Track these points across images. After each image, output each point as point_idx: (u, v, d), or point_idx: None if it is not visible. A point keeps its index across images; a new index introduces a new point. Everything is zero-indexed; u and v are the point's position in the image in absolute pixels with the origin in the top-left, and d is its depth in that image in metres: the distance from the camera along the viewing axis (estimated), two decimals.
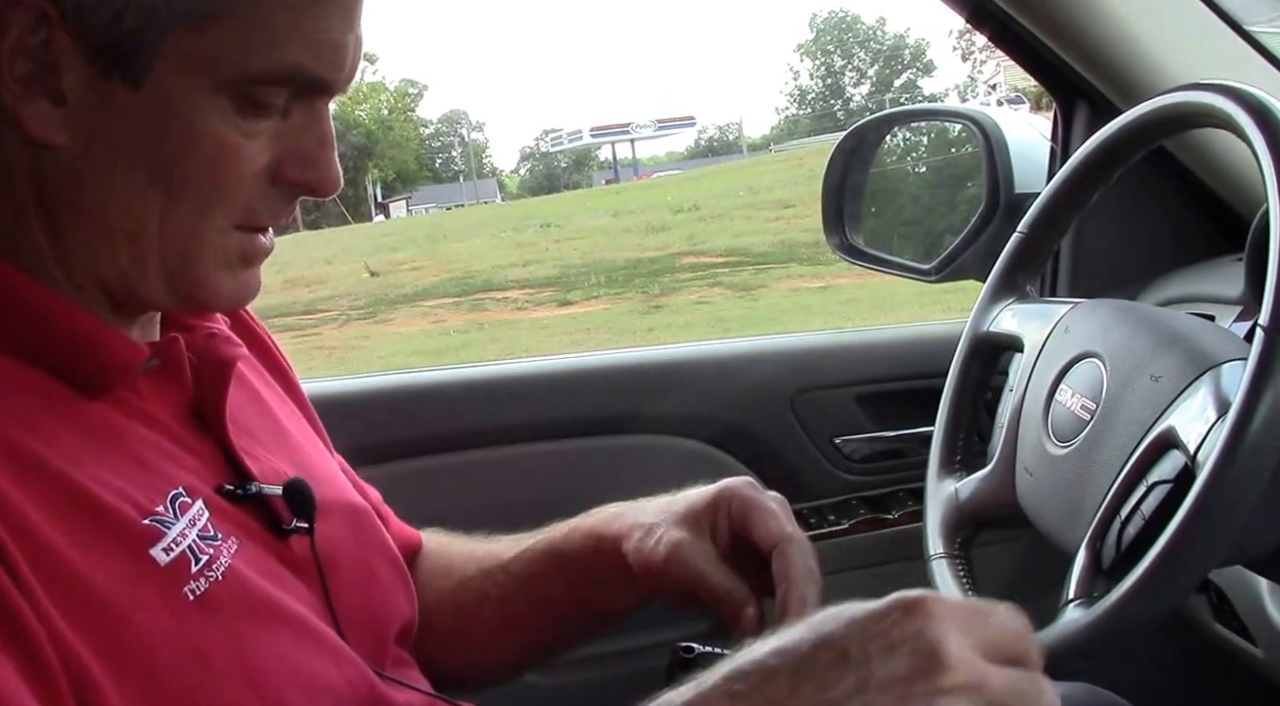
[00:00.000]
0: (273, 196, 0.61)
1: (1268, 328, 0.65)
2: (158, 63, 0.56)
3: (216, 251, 0.60)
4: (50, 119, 0.56)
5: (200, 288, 0.61)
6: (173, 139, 0.57)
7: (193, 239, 0.59)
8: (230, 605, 0.59)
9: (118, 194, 0.58)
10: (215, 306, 0.65)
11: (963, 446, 0.95)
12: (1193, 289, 1.04)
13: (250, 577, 0.61)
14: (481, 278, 12.43)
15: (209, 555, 0.59)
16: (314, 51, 0.58)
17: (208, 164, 0.58)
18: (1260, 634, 0.94)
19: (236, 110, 0.57)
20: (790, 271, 10.76)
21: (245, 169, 0.59)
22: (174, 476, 0.60)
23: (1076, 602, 0.72)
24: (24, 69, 0.55)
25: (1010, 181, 1.19)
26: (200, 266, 0.60)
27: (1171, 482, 0.70)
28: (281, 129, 0.60)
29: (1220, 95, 0.72)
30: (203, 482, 0.62)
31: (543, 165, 57.19)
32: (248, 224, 0.61)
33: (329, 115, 0.62)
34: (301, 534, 0.66)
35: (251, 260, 0.63)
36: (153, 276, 0.60)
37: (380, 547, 0.77)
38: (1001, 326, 0.93)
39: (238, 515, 0.63)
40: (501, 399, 1.30)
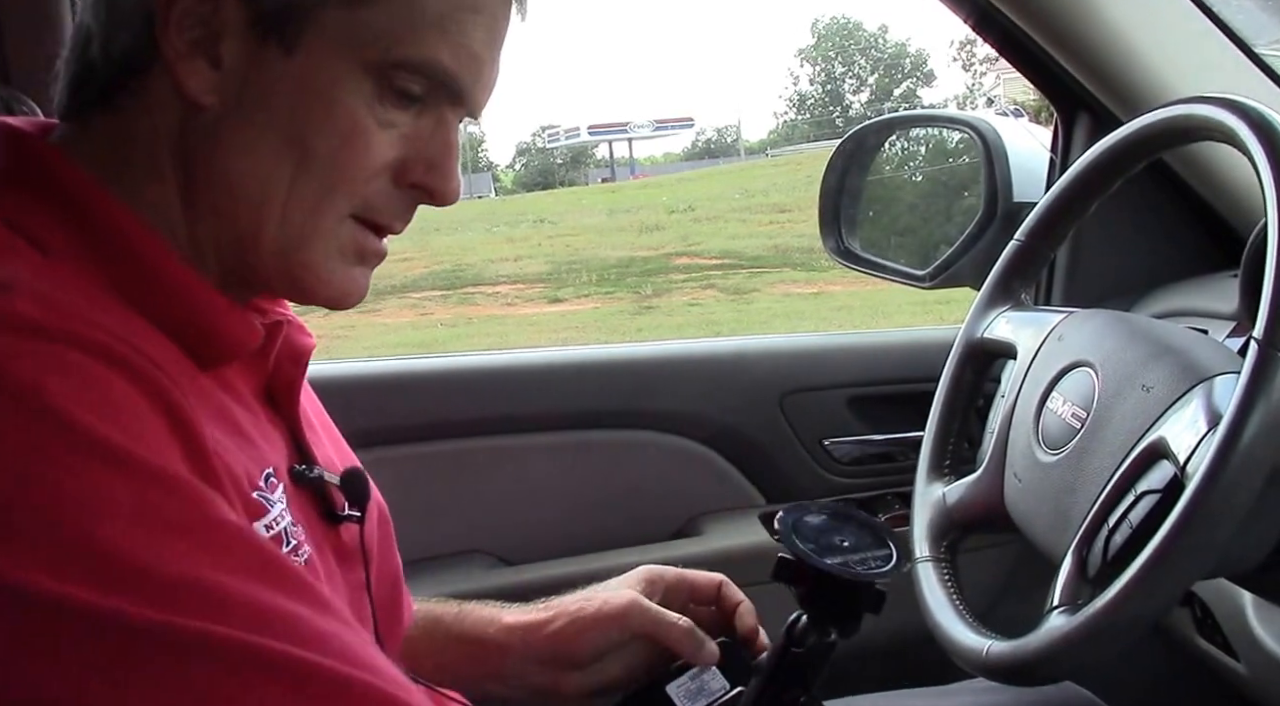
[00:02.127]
0: (393, 196, 0.62)
1: (1261, 341, 0.65)
2: (311, 33, 0.57)
3: (331, 237, 0.60)
4: (206, 80, 0.58)
5: (309, 271, 0.61)
6: (312, 109, 0.58)
7: (313, 217, 0.59)
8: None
9: (251, 157, 0.58)
10: (319, 294, 0.63)
11: (952, 451, 0.95)
12: (1187, 303, 1.04)
13: (318, 565, 0.62)
14: (472, 272, 12.40)
15: (297, 540, 0.60)
16: (455, 53, 0.59)
17: (340, 140, 0.58)
18: (1243, 649, 0.95)
19: (376, 94, 0.59)
20: (784, 276, 10.78)
21: (373, 157, 0.60)
22: (266, 454, 0.62)
23: (1061, 609, 0.73)
24: (192, 33, 0.57)
25: (1009, 190, 1.20)
26: (314, 250, 0.60)
27: (1160, 492, 0.71)
28: (412, 130, 0.61)
29: (1223, 109, 0.73)
30: (282, 463, 0.63)
31: (539, 161, 57.14)
32: (365, 217, 0.62)
33: (457, 128, 0.63)
34: (352, 522, 0.67)
35: (364, 256, 0.63)
36: (267, 250, 0.60)
37: (394, 548, 0.78)
38: (995, 333, 0.93)
39: (300, 497, 0.64)
40: (488, 390, 1.30)
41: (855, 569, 0.68)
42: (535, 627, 0.82)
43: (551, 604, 0.84)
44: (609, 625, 0.80)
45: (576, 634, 0.80)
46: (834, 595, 0.68)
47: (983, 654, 0.77)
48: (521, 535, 1.27)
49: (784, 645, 0.71)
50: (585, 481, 1.28)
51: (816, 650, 0.69)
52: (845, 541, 0.69)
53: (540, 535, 1.27)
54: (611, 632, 0.80)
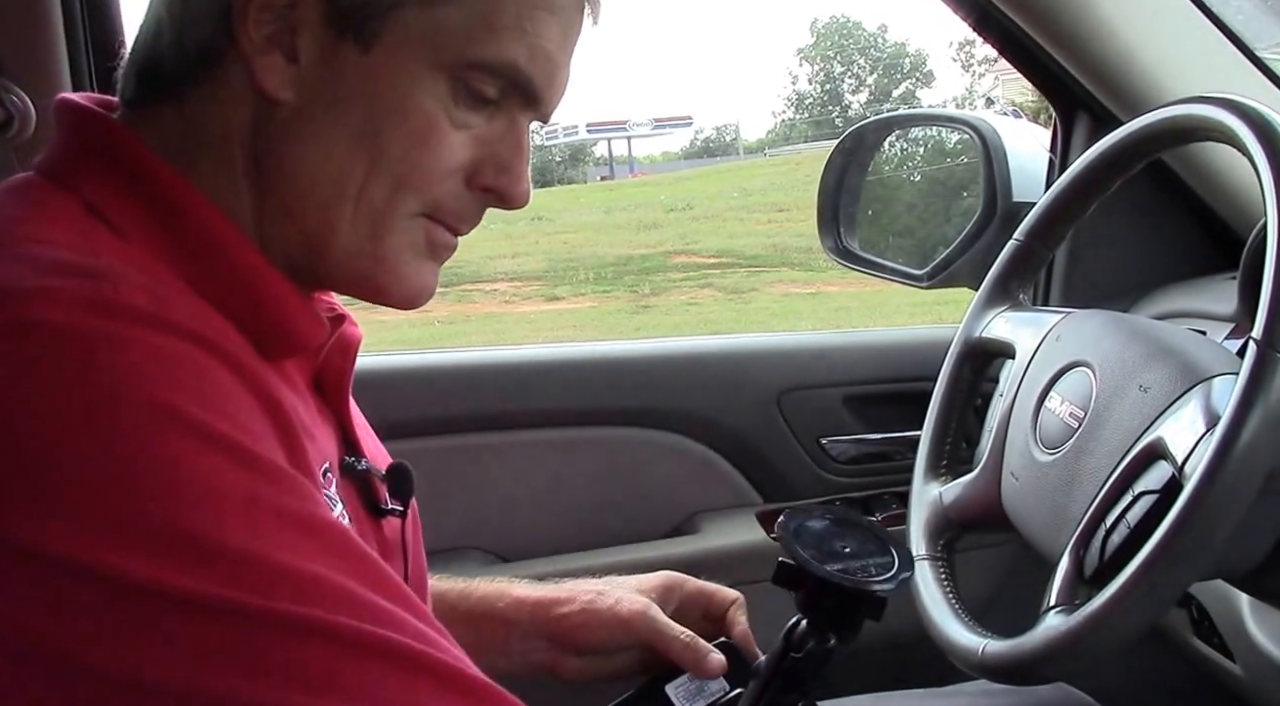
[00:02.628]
0: (464, 198, 0.62)
1: (1260, 341, 0.65)
2: (388, 32, 0.57)
3: (403, 233, 0.60)
4: (281, 75, 0.57)
5: (383, 267, 0.60)
6: (387, 107, 0.58)
7: (385, 214, 0.59)
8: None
9: (325, 154, 0.58)
10: (393, 291, 0.62)
11: (950, 450, 0.95)
12: (1185, 304, 1.04)
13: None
14: (469, 268, 12.38)
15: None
16: (530, 54, 0.59)
17: (414, 139, 0.58)
18: (1239, 650, 0.95)
19: (450, 94, 0.59)
20: (781, 276, 10.78)
21: (446, 157, 0.59)
22: (324, 448, 0.62)
23: (1057, 609, 0.73)
24: (269, 28, 0.57)
25: (1008, 190, 1.20)
26: (386, 245, 0.60)
27: (1158, 493, 0.71)
28: (485, 133, 0.61)
29: (1223, 109, 0.73)
30: (334, 455, 0.63)
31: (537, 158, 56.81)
32: (436, 217, 0.61)
33: (528, 131, 0.63)
34: (395, 515, 0.67)
35: (436, 252, 0.62)
36: (339, 247, 0.59)
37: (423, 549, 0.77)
38: (994, 333, 0.93)
39: (347, 489, 0.64)
40: (484, 386, 1.30)
41: (856, 576, 0.67)
42: (546, 605, 0.82)
43: (566, 585, 0.84)
44: (616, 627, 0.80)
45: (584, 624, 0.81)
46: (833, 601, 0.67)
47: (978, 653, 0.77)
48: (517, 532, 1.27)
49: (782, 649, 0.71)
50: (581, 479, 1.28)
51: (815, 655, 0.69)
52: (847, 547, 0.69)
53: (536, 532, 1.27)
54: (617, 633, 0.80)
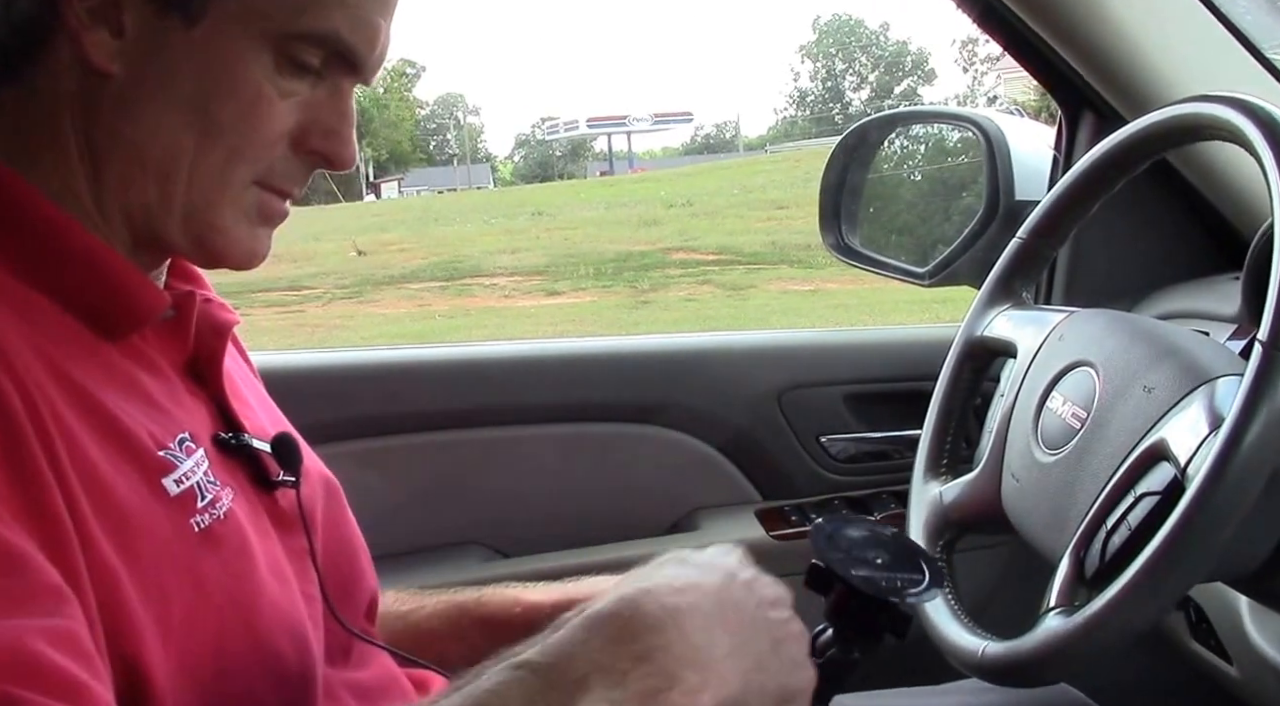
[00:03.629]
0: (292, 162, 0.65)
1: (1266, 342, 0.64)
2: (213, 7, 0.60)
3: (236, 202, 0.63)
4: (107, 48, 0.59)
5: (217, 234, 0.64)
6: (216, 82, 0.61)
7: (219, 185, 0.62)
8: (230, 545, 0.61)
9: (157, 128, 0.61)
10: (228, 256, 0.66)
11: (950, 450, 0.94)
12: (1188, 305, 1.04)
13: (245, 525, 0.63)
14: (470, 263, 12.39)
15: (212, 496, 0.61)
16: (351, 23, 0.62)
17: (243, 111, 0.61)
18: (1237, 654, 0.94)
19: (276, 66, 0.61)
20: (781, 273, 10.77)
21: (275, 126, 0.63)
22: (180, 421, 0.63)
23: (1057, 610, 0.72)
24: (93, 1, 0.59)
25: (1011, 188, 1.19)
26: (220, 214, 0.63)
27: (1160, 494, 0.70)
28: (310, 100, 0.64)
29: (1230, 107, 0.72)
30: (203, 431, 0.65)
31: (537, 153, 57.04)
32: (266, 183, 0.64)
33: (352, 96, 0.66)
34: (288, 487, 0.69)
35: (268, 218, 0.66)
36: (176, 217, 0.62)
37: (349, 520, 0.79)
38: (995, 331, 0.92)
39: (231, 465, 0.66)
40: (483, 381, 1.29)
41: (885, 586, 0.66)
42: (562, 608, 0.81)
43: (584, 584, 0.84)
44: None
45: None
46: (860, 610, 0.67)
47: (978, 654, 0.76)
48: (517, 527, 1.27)
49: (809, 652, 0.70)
50: (581, 474, 1.28)
51: (837, 663, 0.68)
52: (879, 558, 0.68)
53: (536, 528, 1.27)
54: None
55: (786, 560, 1.26)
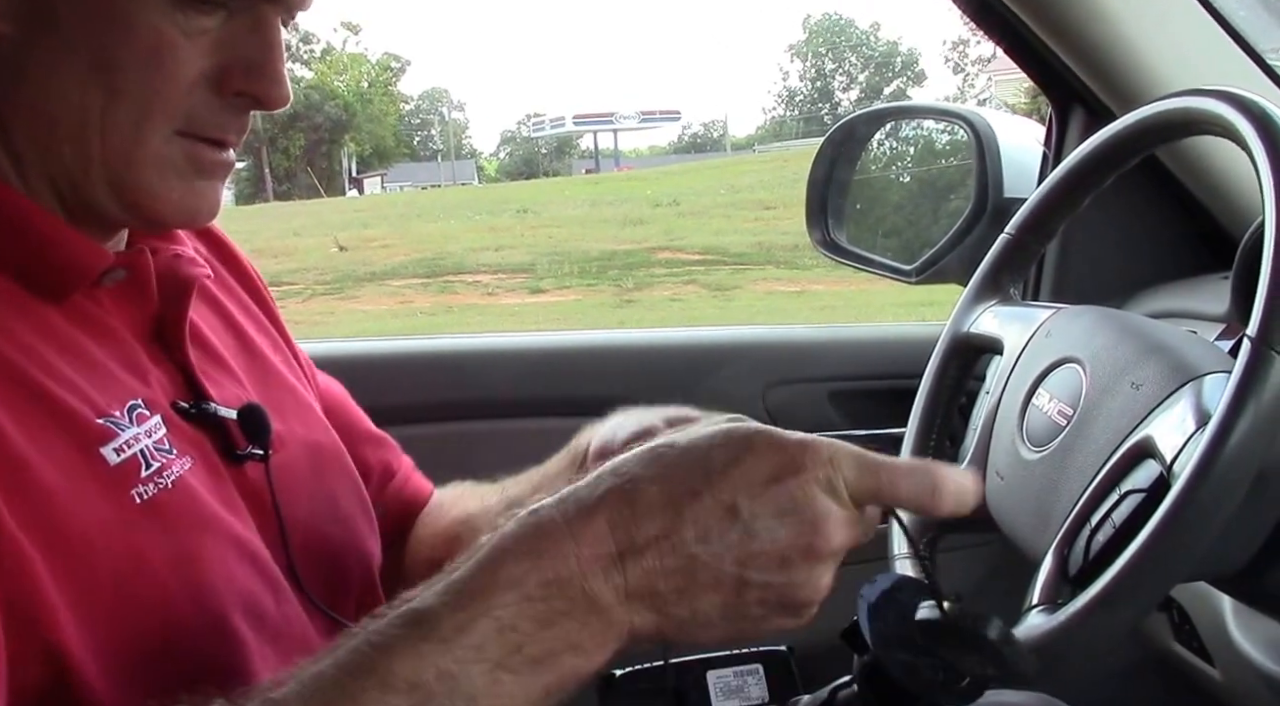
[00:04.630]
0: (217, 107, 0.60)
1: (1255, 339, 0.63)
2: None
3: (159, 158, 0.59)
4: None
5: (144, 194, 0.60)
6: (108, 30, 0.57)
7: (134, 141, 0.58)
8: (178, 515, 0.59)
9: (59, 86, 0.57)
10: (164, 216, 0.62)
11: (934, 447, 0.93)
12: (1176, 304, 1.03)
13: (201, 495, 0.61)
14: (453, 260, 12.34)
15: (160, 464, 0.59)
16: None
17: (145, 58, 0.57)
18: (1219, 655, 0.94)
19: (175, 4, 0.57)
20: (766, 274, 10.78)
21: (184, 70, 0.58)
22: (133, 388, 0.61)
23: (1040, 608, 0.71)
24: None
25: (1000, 185, 1.18)
26: (143, 172, 0.59)
27: (1145, 492, 0.69)
28: (225, 36, 0.59)
29: (1222, 102, 0.71)
30: (162, 398, 0.62)
31: (523, 150, 56.95)
32: (192, 132, 0.60)
33: (277, 24, 0.61)
34: (256, 460, 0.66)
35: (204, 170, 0.61)
36: (97, 179, 0.59)
37: (347, 487, 0.76)
38: (982, 328, 0.91)
39: (193, 434, 0.63)
40: (464, 374, 1.28)
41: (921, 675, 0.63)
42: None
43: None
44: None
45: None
46: (889, 687, 0.64)
47: None
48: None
49: (826, 702, 0.69)
50: None
51: None
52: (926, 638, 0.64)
53: None
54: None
55: None
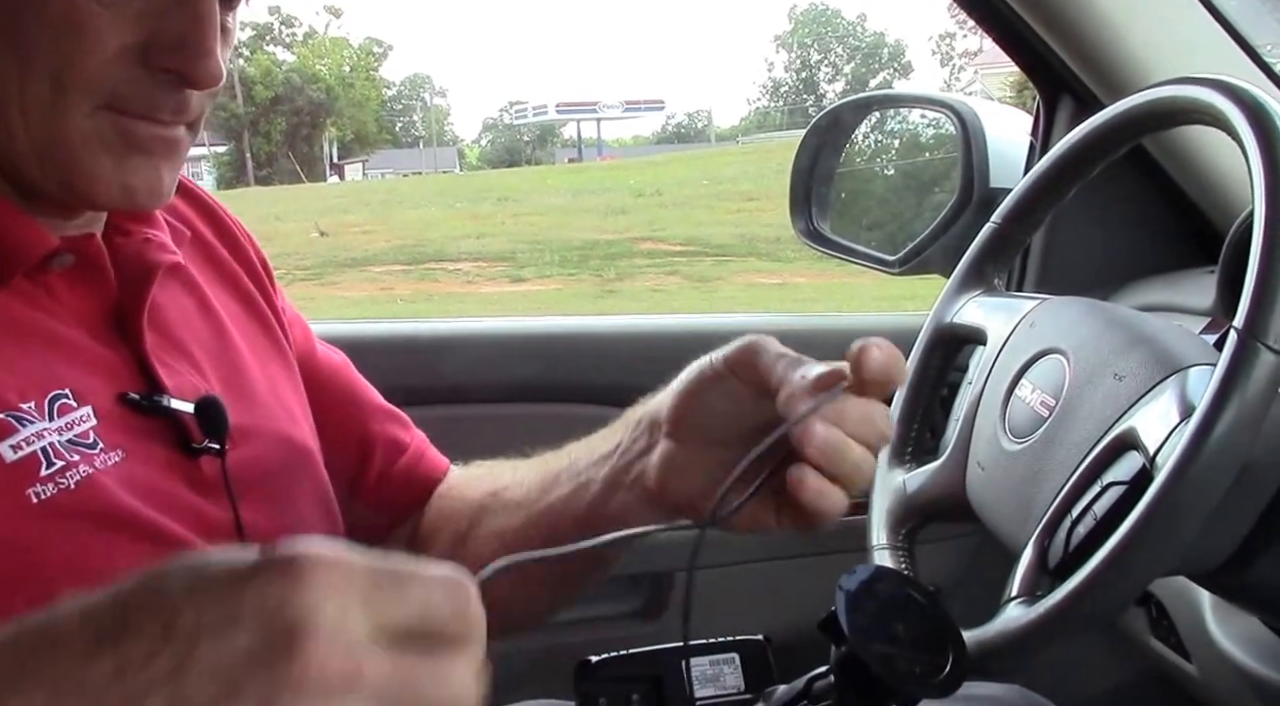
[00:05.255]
0: (146, 82, 0.58)
1: (1242, 330, 0.63)
2: None
3: (85, 133, 0.57)
4: None
5: (74, 172, 0.58)
6: (27, 2, 0.55)
7: (55, 116, 0.56)
8: (77, 516, 0.56)
9: None
10: (98, 194, 0.59)
11: (915, 438, 0.93)
12: (1161, 298, 1.03)
13: (116, 492, 0.57)
14: (434, 247, 12.29)
15: (65, 462, 0.56)
16: None
17: (58, 29, 0.55)
18: (1197, 651, 0.94)
19: None
20: (749, 266, 10.79)
21: (102, 42, 0.56)
22: (62, 377, 0.58)
23: (1018, 600, 0.71)
24: None
25: (985, 175, 1.17)
26: (70, 148, 0.57)
27: (1127, 484, 0.69)
28: (149, 7, 0.57)
29: (1212, 90, 0.70)
30: (104, 388, 0.60)
31: (505, 138, 56.72)
32: (118, 107, 0.57)
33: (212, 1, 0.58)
34: (212, 455, 0.63)
35: (137, 144, 0.58)
36: (30, 158, 0.57)
37: (312, 486, 0.73)
38: (965, 318, 0.90)
39: (139, 426, 0.61)
40: (439, 357, 1.25)
41: (899, 668, 0.61)
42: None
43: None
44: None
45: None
46: (864, 678, 0.63)
47: None
48: None
49: (800, 694, 0.68)
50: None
51: None
52: (905, 630, 0.64)
53: None
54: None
55: (744, 548, 1.25)
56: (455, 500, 0.82)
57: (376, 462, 0.81)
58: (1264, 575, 0.70)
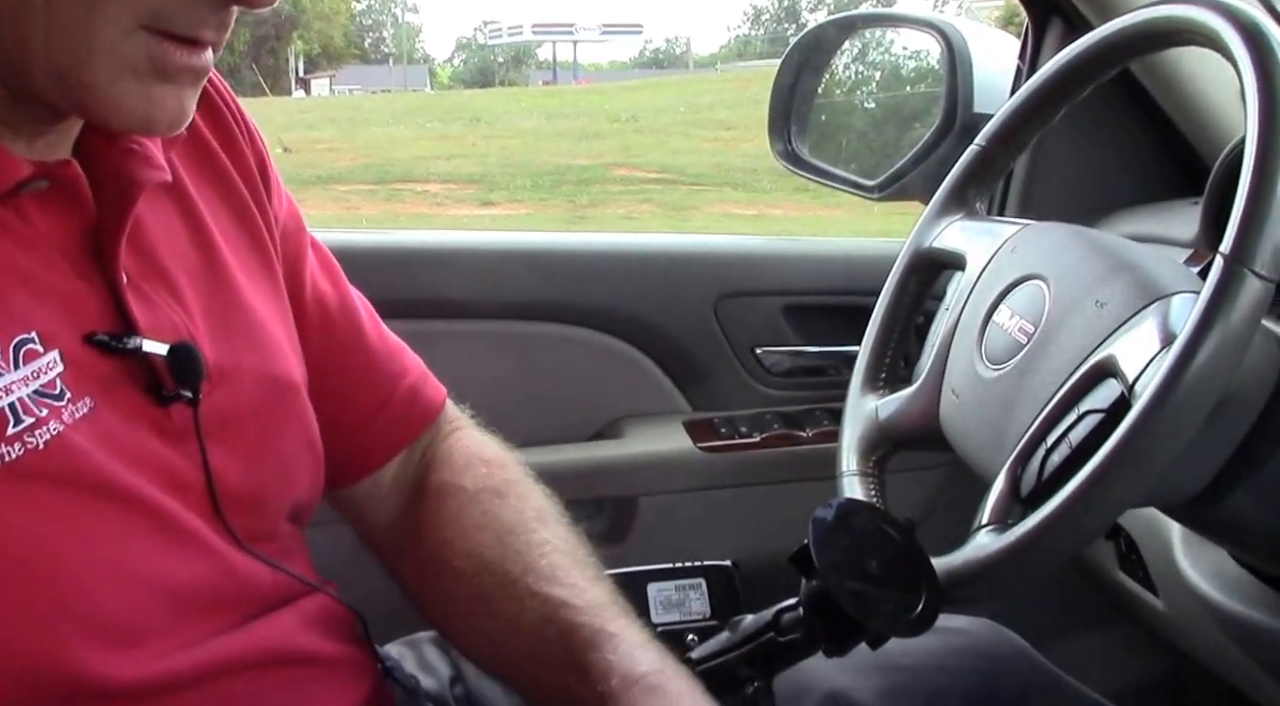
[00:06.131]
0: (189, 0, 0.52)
1: (1229, 256, 0.61)
2: None
3: (114, 54, 0.50)
4: None
5: (92, 94, 0.51)
6: None
7: (84, 31, 0.49)
8: (45, 478, 0.52)
9: None
10: (113, 120, 0.53)
11: (889, 365, 0.91)
12: (1145, 228, 1.01)
13: (85, 450, 0.53)
14: (401, 167, 12.06)
15: (35, 418, 0.52)
16: None
17: None
18: (1165, 585, 0.94)
19: None
20: (724, 196, 10.70)
21: None
22: (29, 318, 0.53)
23: (989, 528, 0.70)
24: None
25: (969, 100, 1.14)
26: (95, 69, 0.50)
27: (1104, 412, 0.68)
28: None
29: (1209, 10, 0.68)
30: (72, 328, 0.55)
31: (478, 58, 55.55)
32: (159, 27, 0.51)
33: None
34: (183, 402, 0.59)
35: (167, 73, 0.52)
36: (40, 70, 0.50)
37: (295, 424, 0.69)
38: (945, 242, 0.88)
39: (107, 370, 0.56)
40: (399, 270, 1.21)
41: (869, 605, 0.60)
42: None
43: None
44: None
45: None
46: (836, 615, 0.62)
47: None
48: None
49: (769, 624, 0.66)
50: (502, 375, 1.22)
51: (796, 648, 0.64)
52: (876, 567, 0.62)
53: None
54: None
55: (712, 473, 1.25)
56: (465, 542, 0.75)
57: (366, 401, 0.78)
58: (1237, 508, 0.69)
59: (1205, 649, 0.96)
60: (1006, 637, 0.91)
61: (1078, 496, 0.63)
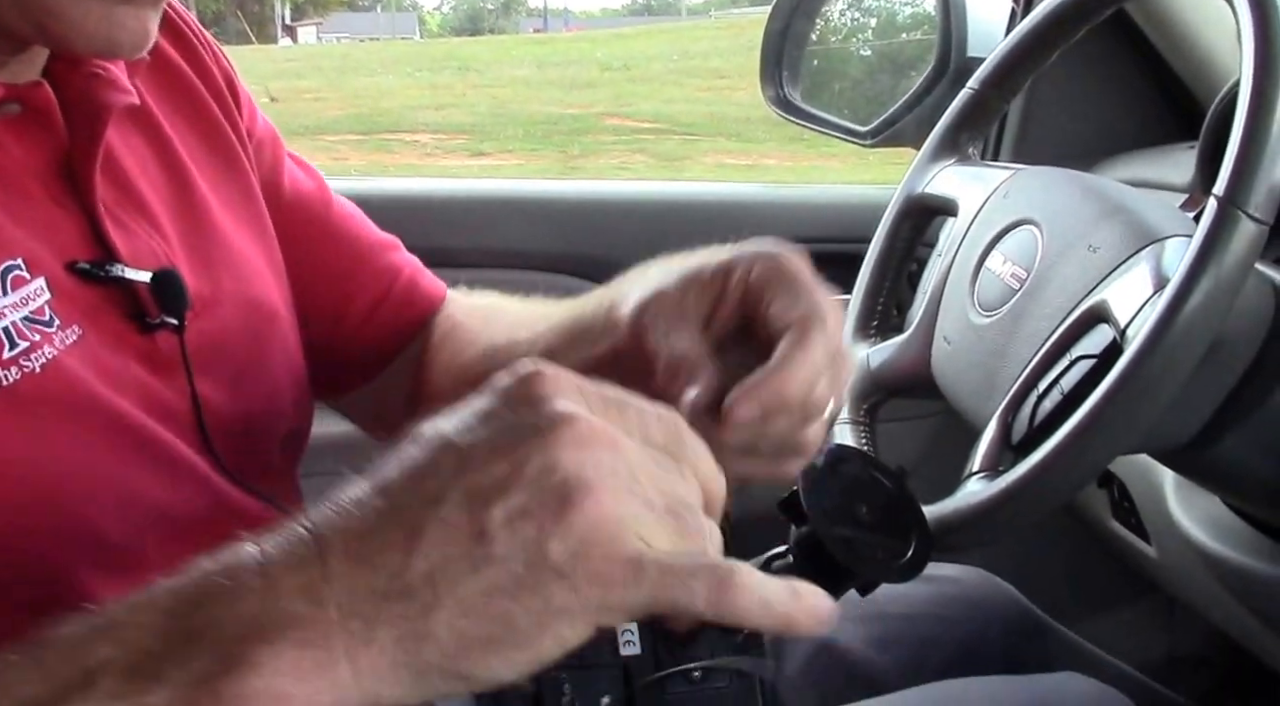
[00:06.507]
0: None
1: (1223, 197, 0.60)
2: None
3: None
4: None
5: (55, 19, 0.50)
6: None
7: None
8: (43, 402, 0.51)
9: None
10: (74, 42, 0.53)
11: (881, 312, 0.91)
12: (1139, 173, 1.00)
13: (79, 375, 0.53)
14: (390, 117, 11.92)
15: (30, 343, 0.51)
16: None
17: None
18: (1156, 532, 0.94)
19: None
20: (717, 146, 10.60)
21: None
22: (12, 245, 0.52)
23: (980, 475, 0.70)
24: None
25: (963, 44, 1.13)
26: None
27: (1096, 358, 0.67)
28: None
29: None
30: (54, 256, 0.54)
31: (467, 5, 54.72)
32: None
33: None
34: (168, 329, 0.58)
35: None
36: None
37: (280, 351, 0.68)
38: (937, 188, 0.87)
39: (91, 298, 0.55)
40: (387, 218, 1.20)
41: (858, 552, 0.60)
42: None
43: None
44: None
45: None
46: (824, 559, 0.61)
47: None
48: None
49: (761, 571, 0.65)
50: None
51: None
52: (867, 514, 0.61)
53: None
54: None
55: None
56: (461, 355, 0.75)
57: (365, 296, 0.76)
58: (1230, 453, 0.69)
59: (1197, 595, 0.96)
60: (998, 586, 0.91)
61: (1069, 443, 0.63)
